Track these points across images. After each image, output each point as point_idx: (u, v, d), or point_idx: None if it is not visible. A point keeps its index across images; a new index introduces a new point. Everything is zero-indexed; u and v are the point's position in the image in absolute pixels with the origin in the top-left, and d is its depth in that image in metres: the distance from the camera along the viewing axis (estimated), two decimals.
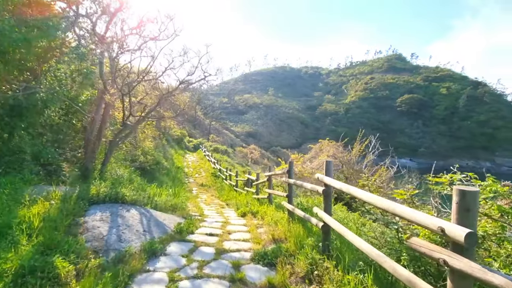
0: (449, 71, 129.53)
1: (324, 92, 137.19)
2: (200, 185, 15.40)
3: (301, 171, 12.59)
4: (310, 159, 16.45)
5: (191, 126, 63.31)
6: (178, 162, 21.08)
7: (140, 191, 6.16)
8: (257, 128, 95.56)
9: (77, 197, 4.65)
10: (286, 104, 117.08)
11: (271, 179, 7.21)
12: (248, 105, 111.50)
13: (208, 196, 12.77)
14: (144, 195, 5.87)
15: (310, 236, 3.79)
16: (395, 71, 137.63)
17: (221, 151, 31.02)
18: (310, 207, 5.09)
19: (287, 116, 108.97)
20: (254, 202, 7.84)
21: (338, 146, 14.89)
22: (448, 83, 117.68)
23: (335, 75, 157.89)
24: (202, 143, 36.42)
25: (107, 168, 8.04)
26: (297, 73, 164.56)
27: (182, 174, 17.45)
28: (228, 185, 13.42)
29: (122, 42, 7.41)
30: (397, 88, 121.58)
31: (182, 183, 14.55)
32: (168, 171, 14.66)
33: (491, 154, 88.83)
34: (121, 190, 5.23)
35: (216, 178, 16.69)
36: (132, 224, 4.27)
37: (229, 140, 68.11)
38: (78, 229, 3.77)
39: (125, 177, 8.10)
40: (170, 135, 29.28)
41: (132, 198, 5.19)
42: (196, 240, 4.34)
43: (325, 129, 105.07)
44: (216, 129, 73.43)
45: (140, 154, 11.82)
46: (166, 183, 11.85)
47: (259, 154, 61.13)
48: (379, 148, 15.87)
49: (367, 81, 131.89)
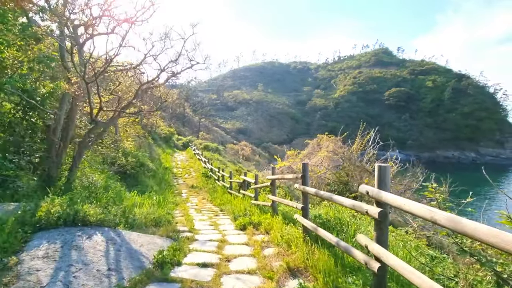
0: (434, 65, 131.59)
1: (313, 87, 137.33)
2: (190, 187, 14.09)
3: (299, 169, 11.48)
4: (307, 155, 15.40)
5: (180, 124, 61.62)
6: (166, 162, 19.64)
7: (112, 205, 4.86)
8: (248, 124, 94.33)
9: (17, 221, 3.36)
10: (276, 100, 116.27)
11: (275, 183, 6.01)
12: (237, 101, 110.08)
13: (199, 199, 11.52)
14: (117, 210, 4.58)
15: (348, 273, 2.65)
16: (382, 65, 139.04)
17: (211, 149, 29.62)
18: (339, 224, 3.93)
19: (277, 112, 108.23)
20: (253, 210, 6.67)
21: (337, 141, 13.88)
22: (433, 76, 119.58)
23: (324, 69, 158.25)
24: (191, 141, 34.92)
25: (77, 175, 6.69)
26: (286, 68, 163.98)
27: (170, 176, 16.05)
28: (221, 187, 12.19)
29: (89, 24, 6.02)
30: (385, 81, 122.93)
31: (170, 186, 13.20)
32: (154, 173, 13.29)
33: (476, 144, 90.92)
34: (82, 207, 3.91)
35: (208, 179, 15.40)
36: (92, 260, 3.01)
37: (220, 137, 66.77)
38: (3, 277, 2.50)
39: (100, 184, 6.76)
40: (157, 134, 27.69)
41: (98, 218, 3.88)
42: (184, 278, 3.09)
43: (316, 124, 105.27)
44: (205, 126, 71.86)
45: (120, 155, 10.43)
46: (151, 188, 10.52)
47: (250, 150, 60.21)
48: (379, 141, 14.99)
49: (356, 75, 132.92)
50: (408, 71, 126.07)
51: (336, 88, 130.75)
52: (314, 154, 15.45)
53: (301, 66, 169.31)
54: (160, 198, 7.99)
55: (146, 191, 9.80)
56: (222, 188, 11.92)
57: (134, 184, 10.02)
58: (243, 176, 9.59)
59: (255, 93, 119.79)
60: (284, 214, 5.53)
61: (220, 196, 10.75)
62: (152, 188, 10.61)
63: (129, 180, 10.00)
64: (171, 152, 26.85)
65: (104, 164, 9.73)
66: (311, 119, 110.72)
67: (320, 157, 12.19)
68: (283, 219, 5.03)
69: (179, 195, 12.30)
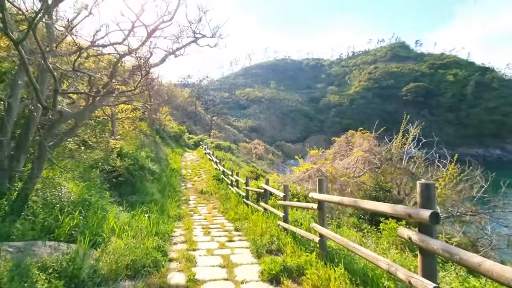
0: (455, 58, 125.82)
1: (327, 84, 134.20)
2: (199, 192, 12.23)
3: (331, 173, 9.38)
4: (335, 155, 13.25)
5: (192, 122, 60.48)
6: (174, 163, 17.89)
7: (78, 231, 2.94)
8: (260, 122, 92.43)
9: None
10: (288, 97, 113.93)
11: (324, 207, 3.84)
12: (249, 99, 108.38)
13: (209, 209, 9.60)
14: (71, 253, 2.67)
15: None
16: (399, 59, 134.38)
17: (224, 148, 27.75)
18: None
19: (290, 109, 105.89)
20: (284, 239, 4.64)
21: (371, 138, 11.66)
22: (454, 70, 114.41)
23: (338, 66, 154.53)
24: (203, 139, 33.23)
25: (38, 187, 4.86)
26: (298, 65, 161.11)
27: (177, 179, 14.26)
28: (235, 194, 10.20)
29: None
30: (402, 76, 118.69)
31: (176, 192, 11.33)
32: (158, 177, 11.51)
33: (501, 141, 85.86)
34: None
35: (219, 183, 13.51)
36: None
37: (232, 136, 65.25)
38: None
39: (71, 200, 4.91)
40: (166, 132, 26.05)
41: None
42: None
43: (330, 121, 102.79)
44: (217, 124, 70.52)
45: (115, 157, 8.65)
46: (151, 196, 8.68)
47: (263, 149, 58.38)
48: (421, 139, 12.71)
49: (371, 70, 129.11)
50: (427, 65, 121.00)
51: (350, 84, 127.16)
52: (341, 153, 13.28)
53: (314, 63, 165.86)
54: (155, 217, 6.04)
55: (144, 201, 7.95)
56: (237, 196, 9.94)
57: (130, 192, 8.19)
58: (264, 184, 7.53)
59: (267, 91, 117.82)
60: (337, 254, 3.47)
61: (234, 206, 8.79)
62: (153, 196, 8.75)
63: (124, 187, 8.18)
64: (181, 151, 25.15)
65: (94, 169, 7.96)
66: (325, 116, 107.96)
67: (354, 157, 10.02)
68: (347, 273, 2.94)
69: (186, 202, 10.44)
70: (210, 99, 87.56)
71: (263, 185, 7.17)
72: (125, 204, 6.86)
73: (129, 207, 6.69)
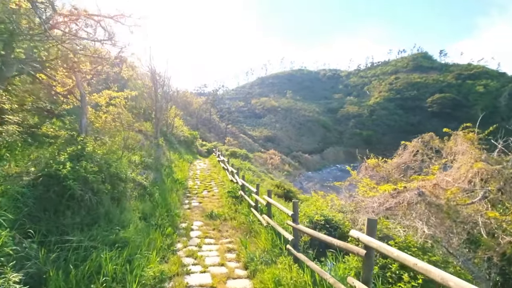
0: (484, 68, 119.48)
1: (344, 94, 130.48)
2: (207, 217, 8.23)
3: (446, 197, 5.37)
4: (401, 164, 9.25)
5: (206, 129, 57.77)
6: (180, 172, 14.23)
7: None
8: (276, 132, 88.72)
9: None
10: (305, 107, 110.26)
11: None
12: (265, 108, 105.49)
13: (221, 252, 5.69)
14: None
15: None
16: (422, 70, 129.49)
17: (240, 155, 24.00)
18: None
19: (307, 119, 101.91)
20: None
21: (474, 141, 7.62)
22: (484, 80, 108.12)
23: (356, 76, 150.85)
24: (216, 146, 29.76)
25: None
26: (315, 76, 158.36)
27: (180, 193, 10.49)
28: (267, 228, 6.28)
29: None
30: (426, 87, 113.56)
31: (173, 216, 7.45)
32: (149, 192, 7.83)
33: None
34: None
35: (237, 202, 9.60)
36: None
37: (248, 145, 61.84)
38: None
39: None
40: (175, 135, 22.61)
41: None
42: None
43: (349, 132, 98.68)
44: (232, 133, 67.59)
45: (65, 159, 5.03)
46: (123, 230, 4.95)
47: (279, 159, 54.71)
48: None
49: (392, 81, 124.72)
50: (453, 76, 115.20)
51: (369, 95, 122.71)
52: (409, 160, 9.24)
53: (331, 73, 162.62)
54: None
55: (105, 241, 4.28)
56: (270, 231, 5.97)
57: (85, 222, 4.53)
58: (357, 232, 3.54)
59: (283, 100, 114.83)
60: None
61: (269, 253, 4.91)
62: (125, 230, 4.96)
63: (72, 212, 4.55)
64: (191, 158, 21.55)
65: (26, 174, 4.42)
66: (344, 127, 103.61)
67: (463, 170, 6.02)
68: None
69: (184, 235, 6.50)
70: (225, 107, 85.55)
71: (357, 233, 3.08)
72: (44, 257, 3.20)
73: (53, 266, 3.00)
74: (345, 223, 4.40)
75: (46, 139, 6.28)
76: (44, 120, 7.99)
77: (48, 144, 6.14)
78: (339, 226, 4.31)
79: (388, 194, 5.05)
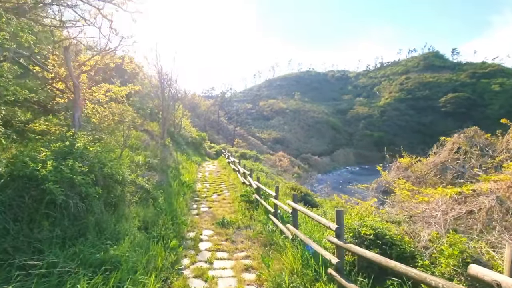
0: (499, 66, 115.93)
1: (354, 95, 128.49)
2: (219, 224, 7.11)
3: None
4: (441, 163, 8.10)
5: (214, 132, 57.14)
6: (188, 174, 13.32)
7: None
8: (284, 134, 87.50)
9: None
10: (314, 109, 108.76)
11: None
12: (273, 110, 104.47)
13: (237, 271, 4.65)
14: None
15: None
16: (434, 69, 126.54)
17: (250, 157, 23.00)
18: None
19: (316, 121, 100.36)
20: None
21: None
22: (500, 78, 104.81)
23: (365, 77, 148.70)
24: (225, 148, 28.84)
25: None
26: (323, 77, 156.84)
27: (187, 197, 9.55)
28: (293, 241, 5.23)
29: None
30: (438, 87, 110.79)
31: (179, 224, 6.49)
32: (153, 196, 6.92)
33: None
34: None
35: (252, 206, 8.58)
36: None
37: (256, 147, 60.92)
38: None
39: None
40: (182, 136, 21.77)
41: None
42: None
43: (359, 133, 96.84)
44: (241, 135, 66.81)
45: (47, 156, 4.14)
46: (115, 248, 3.98)
47: (288, 161, 53.55)
48: None
49: (402, 81, 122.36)
50: (467, 75, 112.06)
51: (379, 95, 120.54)
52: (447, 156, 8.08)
53: (340, 75, 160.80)
54: None
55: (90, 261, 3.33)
56: (300, 246, 4.80)
57: (68, 235, 3.60)
58: None
59: (291, 102, 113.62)
60: None
61: (300, 277, 3.80)
62: (119, 246, 3.97)
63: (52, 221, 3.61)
64: (199, 160, 20.66)
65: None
66: (354, 128, 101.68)
67: None
68: None
69: (192, 248, 5.56)
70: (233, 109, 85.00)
71: (494, 275, 1.83)
72: None
73: None
74: (405, 238, 3.33)
75: (33, 136, 5.41)
76: (38, 116, 7.16)
77: (35, 141, 5.26)
78: (395, 243, 3.22)
79: (450, 200, 3.97)
